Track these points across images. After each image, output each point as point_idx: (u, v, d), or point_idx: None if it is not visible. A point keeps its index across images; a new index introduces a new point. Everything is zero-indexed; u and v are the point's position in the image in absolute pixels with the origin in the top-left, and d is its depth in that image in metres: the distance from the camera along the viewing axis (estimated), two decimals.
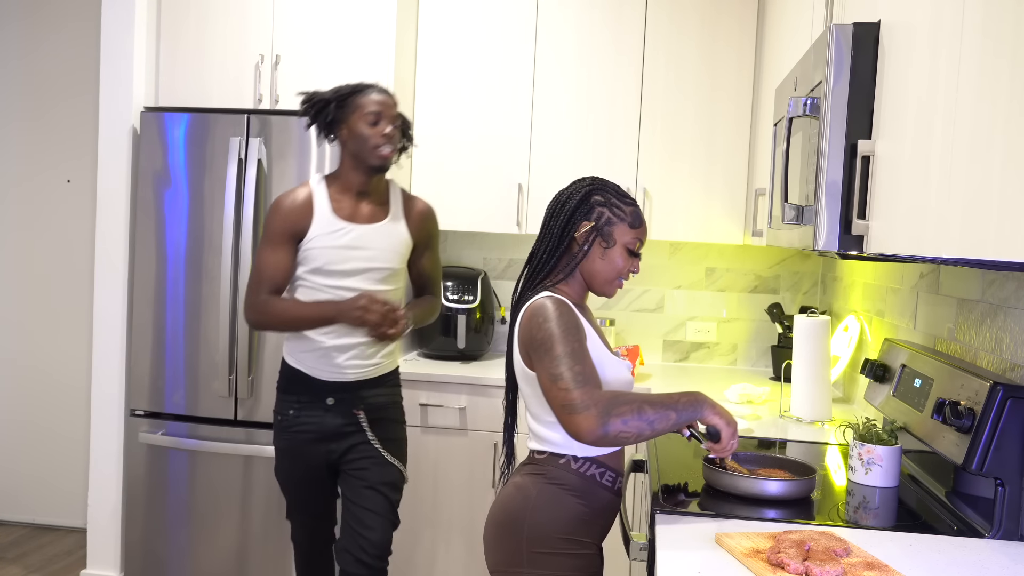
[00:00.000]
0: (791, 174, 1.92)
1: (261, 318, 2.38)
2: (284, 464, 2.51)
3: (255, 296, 2.37)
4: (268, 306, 2.36)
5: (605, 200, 1.79)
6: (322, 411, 2.44)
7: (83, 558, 3.67)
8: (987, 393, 1.62)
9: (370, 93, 2.39)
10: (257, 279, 2.38)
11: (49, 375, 4.08)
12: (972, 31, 1.14)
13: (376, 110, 2.36)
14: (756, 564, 1.40)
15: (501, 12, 3.40)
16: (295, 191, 2.41)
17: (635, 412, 1.60)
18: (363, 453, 2.47)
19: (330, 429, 2.45)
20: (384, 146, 2.37)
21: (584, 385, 1.62)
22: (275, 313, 2.36)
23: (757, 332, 3.70)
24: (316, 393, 2.44)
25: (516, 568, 1.73)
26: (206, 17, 3.28)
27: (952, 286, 2.09)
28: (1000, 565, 1.49)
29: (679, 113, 3.37)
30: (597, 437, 1.60)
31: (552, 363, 1.64)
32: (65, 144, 4.04)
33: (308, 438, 2.46)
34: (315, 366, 2.43)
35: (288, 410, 2.46)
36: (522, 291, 1.83)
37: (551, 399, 1.64)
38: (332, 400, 2.44)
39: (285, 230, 2.37)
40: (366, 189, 2.44)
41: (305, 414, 2.45)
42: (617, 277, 1.80)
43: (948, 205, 1.19)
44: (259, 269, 2.38)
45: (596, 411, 1.59)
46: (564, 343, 1.65)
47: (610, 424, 1.59)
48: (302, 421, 2.45)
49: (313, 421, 2.45)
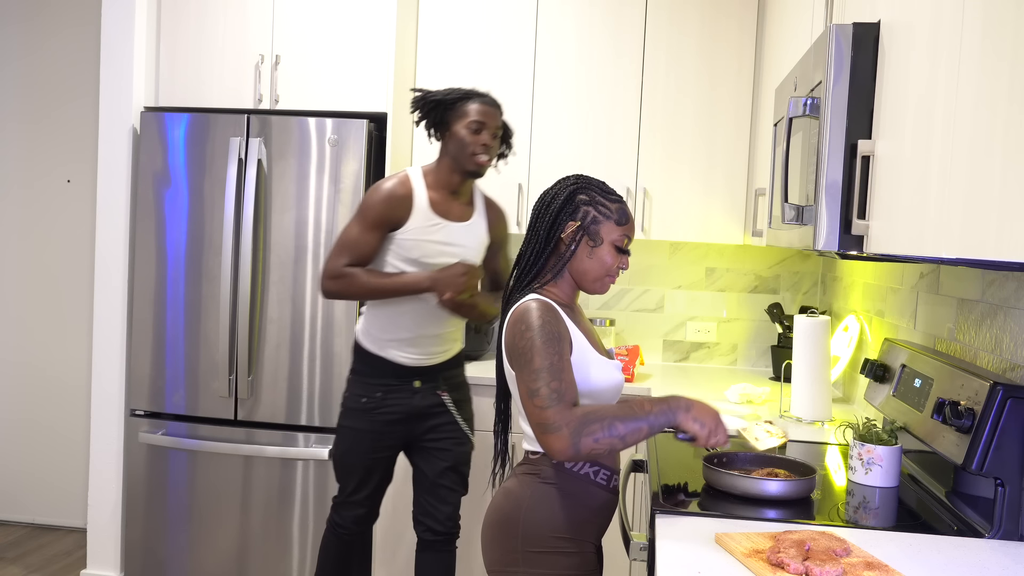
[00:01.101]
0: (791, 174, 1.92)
1: (343, 287, 2.46)
2: (361, 446, 2.58)
3: (337, 266, 2.47)
4: (353, 276, 2.46)
5: (590, 199, 1.78)
6: (409, 393, 2.58)
7: (83, 558, 3.67)
8: (987, 393, 1.62)
9: (476, 102, 2.50)
10: (341, 251, 2.47)
11: (49, 375, 4.08)
12: (972, 31, 1.14)
13: (479, 119, 2.48)
14: (756, 564, 1.40)
15: (501, 12, 3.40)
16: (397, 180, 2.51)
17: (606, 428, 1.61)
18: (446, 433, 2.62)
19: (417, 411, 2.59)
20: (481, 154, 2.49)
21: (559, 403, 1.62)
22: (361, 282, 2.45)
23: (757, 332, 3.70)
24: (403, 377, 2.57)
25: (512, 568, 1.73)
26: (206, 17, 3.28)
27: (952, 286, 2.09)
28: (1000, 565, 1.49)
29: (679, 113, 3.37)
30: (569, 456, 1.62)
31: (530, 377, 1.64)
32: (65, 145, 4.04)
33: (393, 419, 2.58)
34: (400, 352, 2.55)
35: (375, 393, 2.56)
36: (511, 293, 1.82)
37: (528, 414, 1.66)
38: (419, 383, 2.58)
39: (383, 216, 2.47)
40: (458, 189, 2.56)
41: (393, 397, 2.57)
42: (607, 275, 1.80)
43: (948, 205, 1.19)
44: (346, 243, 2.48)
45: (568, 431, 1.60)
46: (544, 355, 1.65)
47: (581, 443, 1.61)
48: (389, 403, 2.57)
49: (401, 403, 2.57)
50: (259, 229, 3.15)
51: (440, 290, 2.45)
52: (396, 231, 2.49)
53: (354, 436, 2.59)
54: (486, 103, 2.52)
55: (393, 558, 3.20)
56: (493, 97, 2.55)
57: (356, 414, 2.59)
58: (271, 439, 3.17)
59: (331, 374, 3.14)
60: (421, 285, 2.45)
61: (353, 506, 2.65)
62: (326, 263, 2.49)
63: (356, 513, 2.65)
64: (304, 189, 3.13)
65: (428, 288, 2.45)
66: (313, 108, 3.22)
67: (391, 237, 2.50)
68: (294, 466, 3.17)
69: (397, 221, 2.48)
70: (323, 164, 3.12)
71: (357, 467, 2.61)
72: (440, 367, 2.62)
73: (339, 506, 2.67)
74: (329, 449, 3.11)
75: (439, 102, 2.51)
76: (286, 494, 3.18)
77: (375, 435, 2.58)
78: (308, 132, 3.12)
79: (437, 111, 2.52)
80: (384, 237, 2.50)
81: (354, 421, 2.59)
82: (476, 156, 2.49)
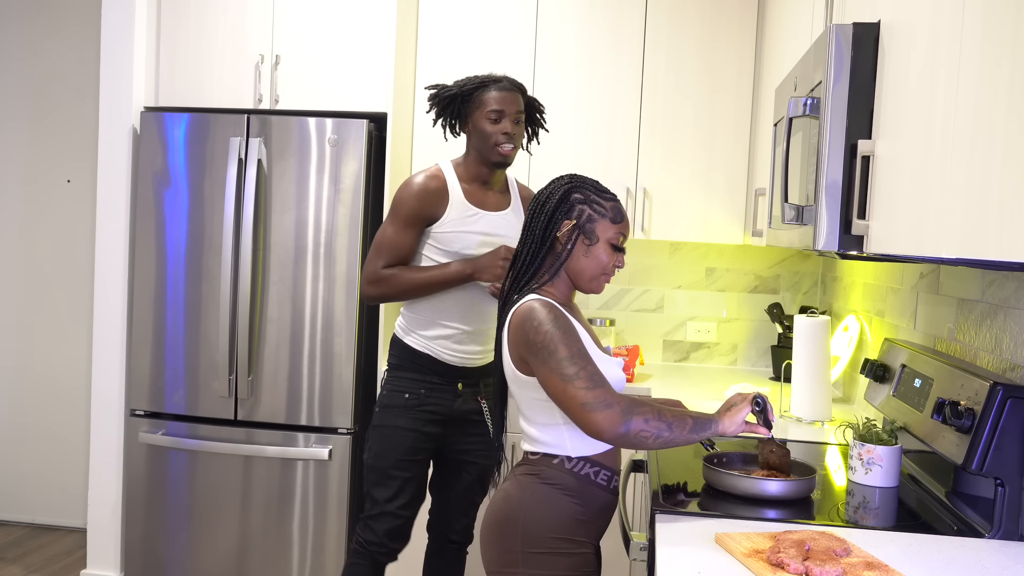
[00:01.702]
0: (791, 174, 1.92)
1: (385, 289, 2.37)
2: (403, 445, 2.42)
3: (375, 269, 2.38)
4: (394, 276, 2.36)
5: (585, 197, 1.78)
6: (452, 395, 2.45)
7: (83, 558, 3.67)
8: (987, 393, 1.62)
9: (493, 88, 2.38)
10: (378, 252, 2.39)
11: (49, 375, 4.08)
12: (972, 31, 1.14)
13: (497, 108, 2.36)
14: (756, 564, 1.40)
15: (501, 12, 3.40)
16: (429, 174, 2.41)
17: (655, 413, 1.64)
18: (477, 444, 2.51)
19: (458, 414, 2.46)
20: (505, 144, 2.38)
21: (602, 384, 1.63)
22: (402, 281, 2.36)
23: (757, 332, 3.69)
24: (447, 376, 2.44)
25: (512, 568, 1.73)
26: (206, 17, 3.28)
27: (952, 286, 2.09)
28: (1000, 565, 1.49)
29: (679, 113, 3.37)
30: (618, 434, 1.61)
31: (560, 365, 1.64)
32: (65, 144, 4.04)
33: (434, 419, 2.44)
34: (445, 350, 2.43)
35: (420, 389, 2.43)
36: (508, 294, 1.82)
37: (567, 399, 1.64)
38: (462, 385, 2.46)
39: (418, 212, 2.38)
40: (489, 179, 2.47)
41: (436, 395, 2.44)
42: (603, 273, 1.80)
43: (948, 205, 1.19)
44: (382, 244, 2.39)
45: (619, 408, 1.61)
46: (567, 344, 1.66)
47: (632, 422, 1.61)
48: (432, 402, 2.43)
49: (444, 404, 2.44)
50: (259, 229, 3.15)
51: (485, 276, 2.34)
52: (433, 225, 2.39)
53: (395, 435, 2.42)
54: (503, 88, 2.39)
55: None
56: (511, 79, 2.43)
57: (397, 411, 2.43)
58: (271, 439, 3.17)
59: (331, 374, 3.14)
60: (465, 272, 2.35)
61: (389, 517, 2.44)
62: (365, 268, 2.41)
63: (392, 525, 2.44)
64: (304, 189, 3.13)
65: (472, 275, 2.35)
66: (313, 108, 3.22)
67: (428, 232, 2.40)
68: (294, 466, 3.17)
69: (433, 215, 2.39)
70: (323, 164, 3.12)
71: (396, 470, 2.43)
72: (481, 371, 2.50)
73: (371, 520, 2.46)
74: (329, 450, 3.11)
75: (454, 96, 2.42)
76: (286, 494, 3.18)
77: (417, 435, 2.43)
78: (308, 132, 3.12)
79: (454, 105, 2.42)
80: (421, 233, 2.41)
81: (395, 419, 2.43)
82: (499, 147, 2.38)
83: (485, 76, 2.43)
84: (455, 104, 2.42)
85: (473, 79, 2.43)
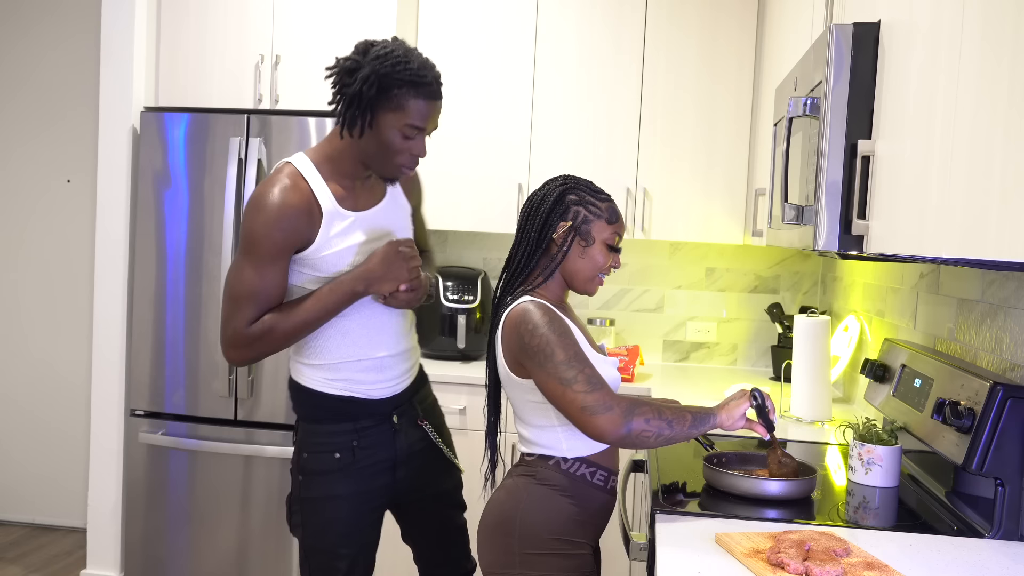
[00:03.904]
0: (791, 174, 1.92)
1: (260, 349, 1.84)
2: (344, 518, 1.95)
3: (242, 327, 1.82)
4: (267, 330, 1.83)
5: (580, 198, 1.78)
6: (390, 433, 1.99)
7: (83, 558, 3.67)
8: (987, 393, 1.62)
9: (420, 95, 1.80)
10: (237, 306, 1.82)
11: (49, 375, 4.08)
12: (972, 31, 1.14)
13: (418, 123, 1.82)
14: (756, 564, 1.40)
15: (501, 12, 3.40)
16: (285, 186, 1.82)
17: (655, 412, 1.64)
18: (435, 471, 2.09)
19: (402, 454, 2.01)
20: (410, 166, 1.88)
21: (601, 387, 1.63)
22: (280, 331, 1.83)
23: (757, 332, 3.70)
24: (378, 415, 1.97)
25: (510, 569, 1.73)
26: (206, 17, 3.28)
27: (952, 286, 2.09)
28: (1000, 565, 1.49)
29: (679, 113, 3.37)
30: (620, 436, 1.62)
31: (558, 368, 1.64)
32: (65, 144, 4.04)
33: (376, 470, 1.98)
34: (372, 384, 1.96)
35: (351, 442, 1.93)
36: (501, 295, 1.82)
37: (566, 403, 1.64)
38: (397, 418, 2.00)
39: (282, 243, 1.82)
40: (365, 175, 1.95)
41: (371, 442, 1.96)
42: (598, 274, 1.80)
43: (948, 205, 1.19)
44: (241, 294, 1.82)
45: (619, 410, 1.61)
46: (563, 347, 1.66)
47: (633, 423, 1.61)
48: (369, 452, 1.96)
49: (384, 448, 1.98)
50: None
51: (386, 287, 1.86)
52: (303, 252, 1.85)
53: (334, 507, 1.94)
54: (432, 96, 1.82)
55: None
56: (438, 77, 1.85)
57: (330, 478, 1.93)
58: (271, 439, 3.17)
59: None
60: (357, 289, 1.85)
61: None
62: (224, 331, 1.84)
63: None
64: None
65: (365, 290, 1.86)
66: (313, 108, 3.22)
67: (295, 259, 1.86)
68: None
69: (302, 241, 1.83)
70: None
71: (343, 547, 1.96)
72: (412, 390, 2.05)
73: None
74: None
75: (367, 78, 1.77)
76: (286, 494, 3.17)
77: (360, 498, 1.96)
78: (308, 132, 3.12)
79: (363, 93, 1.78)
80: (288, 265, 1.86)
81: (329, 486, 1.93)
82: (402, 168, 1.87)
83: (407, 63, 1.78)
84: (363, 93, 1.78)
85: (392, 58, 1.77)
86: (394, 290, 1.88)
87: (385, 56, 1.78)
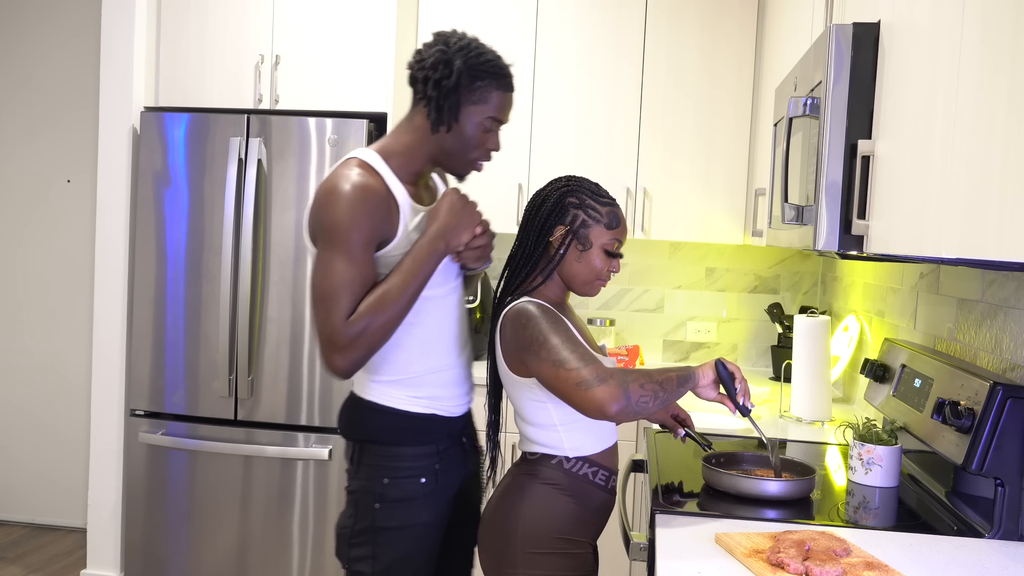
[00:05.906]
0: (791, 174, 1.92)
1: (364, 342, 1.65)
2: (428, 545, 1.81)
3: (341, 324, 1.64)
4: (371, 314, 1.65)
5: (580, 202, 1.76)
6: (462, 456, 1.89)
7: (83, 558, 3.67)
8: (987, 393, 1.62)
9: (502, 87, 1.77)
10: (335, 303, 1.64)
11: (49, 375, 4.08)
12: (972, 31, 1.14)
13: (499, 116, 1.77)
14: (756, 564, 1.40)
15: (501, 12, 3.40)
16: (362, 174, 1.70)
17: (644, 377, 1.63)
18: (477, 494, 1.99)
19: (469, 477, 1.92)
20: (484, 161, 1.82)
21: (593, 363, 1.63)
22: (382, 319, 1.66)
23: (757, 332, 3.70)
24: (454, 435, 1.86)
25: (510, 569, 1.73)
26: (206, 17, 3.28)
27: (952, 286, 2.09)
28: (1000, 565, 1.49)
29: (679, 113, 3.37)
30: (621, 407, 1.60)
31: (551, 352, 1.64)
32: (65, 144, 4.04)
33: (450, 496, 1.86)
34: (449, 400, 1.83)
35: (434, 465, 1.80)
36: (502, 295, 1.82)
37: (561, 384, 1.63)
38: (466, 437, 1.90)
39: (375, 231, 1.69)
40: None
41: (449, 466, 1.84)
42: (596, 278, 1.79)
43: (948, 205, 1.19)
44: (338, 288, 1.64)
45: (615, 381, 1.60)
46: (556, 334, 1.66)
47: (630, 390, 1.60)
48: (448, 477, 1.84)
49: (458, 470, 1.87)
50: (259, 229, 3.15)
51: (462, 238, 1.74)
52: (383, 250, 1.72)
53: (421, 536, 1.78)
54: (511, 88, 1.81)
55: None
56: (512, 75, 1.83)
57: (417, 504, 1.78)
58: (271, 439, 3.17)
59: None
60: (439, 248, 1.71)
61: None
62: (322, 336, 1.66)
63: None
64: (304, 189, 3.12)
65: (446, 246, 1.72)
66: (313, 108, 3.22)
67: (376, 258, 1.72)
68: (294, 466, 3.17)
69: (385, 234, 1.71)
70: (323, 164, 3.12)
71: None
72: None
73: None
74: (329, 449, 3.10)
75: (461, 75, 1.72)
76: (286, 494, 3.18)
77: (438, 527, 1.83)
78: (308, 132, 3.12)
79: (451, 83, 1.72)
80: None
81: (416, 514, 1.78)
82: (477, 163, 1.81)
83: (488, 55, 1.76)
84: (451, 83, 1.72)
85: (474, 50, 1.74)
86: (471, 239, 1.76)
87: (467, 47, 1.74)
